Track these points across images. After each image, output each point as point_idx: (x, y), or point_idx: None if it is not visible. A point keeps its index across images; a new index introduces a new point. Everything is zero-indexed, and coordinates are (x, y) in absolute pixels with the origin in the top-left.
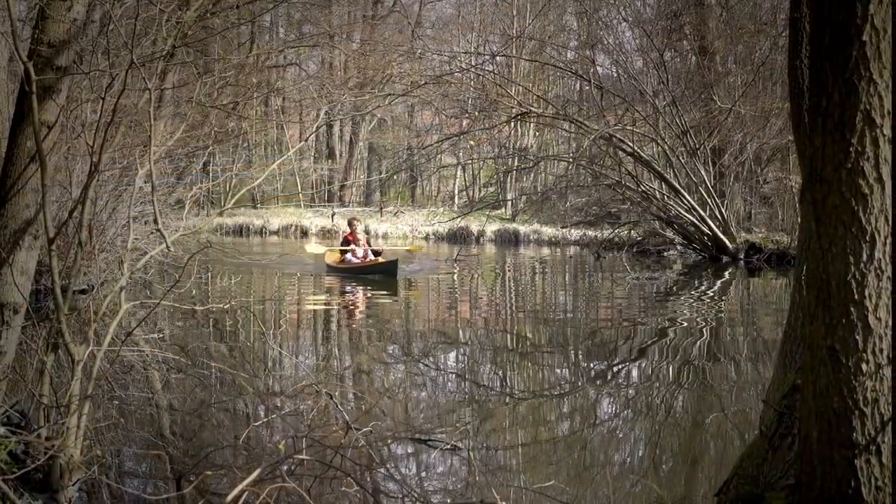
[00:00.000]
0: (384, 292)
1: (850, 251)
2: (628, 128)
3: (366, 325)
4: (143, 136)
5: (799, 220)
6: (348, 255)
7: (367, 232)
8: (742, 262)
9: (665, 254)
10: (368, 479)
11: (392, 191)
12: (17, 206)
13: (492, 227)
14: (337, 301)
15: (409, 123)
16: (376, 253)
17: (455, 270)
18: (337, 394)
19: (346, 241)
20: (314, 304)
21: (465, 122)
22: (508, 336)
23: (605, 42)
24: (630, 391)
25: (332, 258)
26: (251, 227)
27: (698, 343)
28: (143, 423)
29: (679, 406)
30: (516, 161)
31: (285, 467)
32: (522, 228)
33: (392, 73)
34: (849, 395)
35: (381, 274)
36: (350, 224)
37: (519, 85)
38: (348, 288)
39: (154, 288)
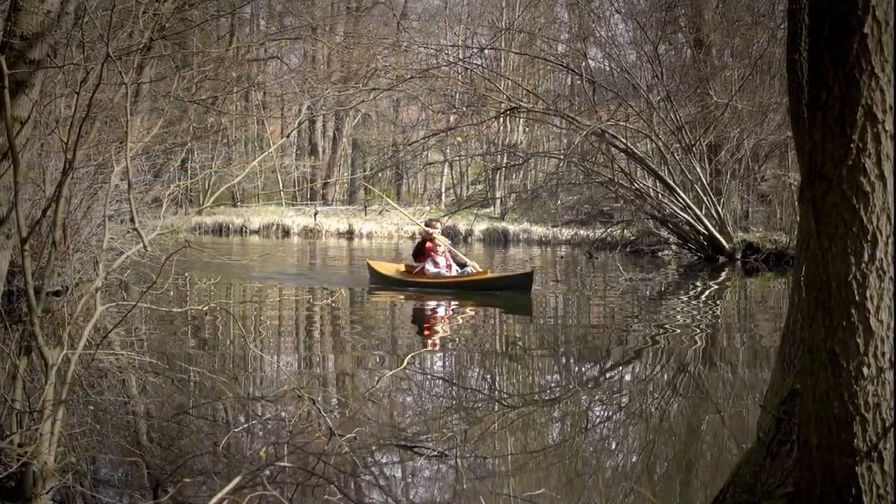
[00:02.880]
0: (517, 314)
1: (850, 251)
2: (621, 123)
3: (350, 329)
4: (119, 132)
5: (798, 218)
6: (429, 266)
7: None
8: (739, 262)
9: (659, 254)
10: (352, 486)
11: (377, 188)
12: None
13: (480, 227)
14: (470, 326)
15: (395, 119)
16: (461, 265)
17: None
18: (320, 399)
19: (421, 249)
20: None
21: (452, 118)
22: (497, 339)
23: (598, 35)
24: (623, 396)
25: (393, 269)
26: (231, 226)
27: (694, 346)
28: (119, 429)
29: (674, 411)
30: (505, 158)
31: (266, 474)
32: (512, 228)
33: (377, 67)
34: (849, 399)
35: (508, 289)
36: (428, 227)
37: (508, 79)
38: (466, 308)
39: (131, 289)
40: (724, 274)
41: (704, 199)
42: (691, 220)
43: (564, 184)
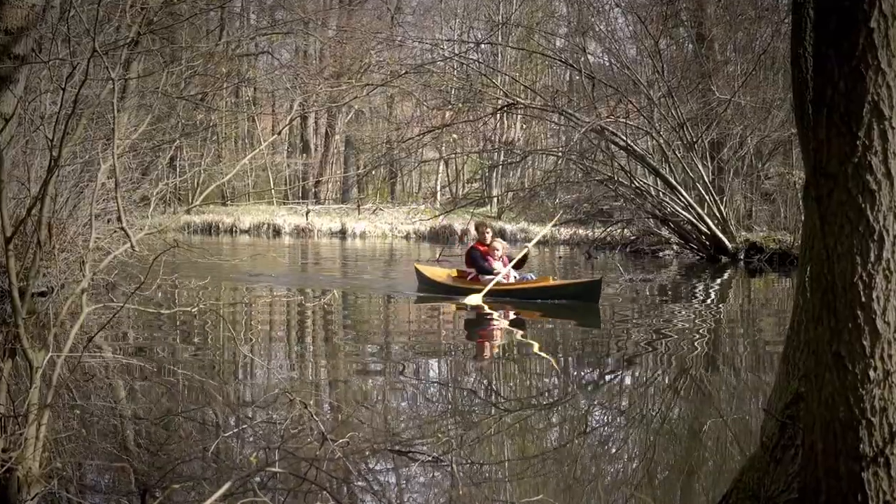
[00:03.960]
0: (583, 326)
1: (856, 251)
2: (621, 120)
3: (343, 331)
4: (106, 129)
5: (802, 218)
6: (500, 277)
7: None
8: (742, 262)
9: (660, 254)
10: (345, 492)
11: (370, 187)
12: None
13: None
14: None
15: (389, 115)
16: (518, 266)
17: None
18: (312, 403)
19: (473, 255)
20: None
21: (447, 114)
22: (494, 342)
23: (597, 29)
24: (623, 400)
25: (444, 275)
26: (221, 225)
27: (696, 349)
28: (106, 433)
29: (675, 415)
30: (502, 155)
31: (257, 480)
32: (509, 227)
33: (370, 62)
34: (855, 403)
35: (573, 298)
36: (479, 230)
37: (505, 74)
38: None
39: (118, 290)
40: (726, 274)
41: (706, 197)
42: (693, 220)
43: (563, 182)
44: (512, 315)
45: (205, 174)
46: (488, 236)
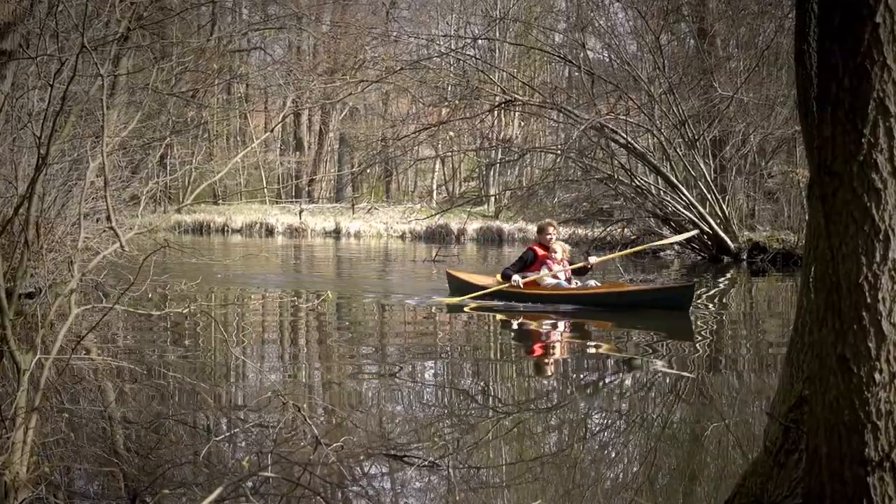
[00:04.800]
0: (673, 337)
1: (861, 251)
2: (621, 117)
3: (336, 333)
4: (95, 127)
5: (806, 217)
6: (545, 276)
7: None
8: (745, 262)
9: (661, 254)
10: (339, 498)
11: (365, 186)
12: None
13: (473, 225)
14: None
15: (384, 112)
16: (580, 272)
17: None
18: (305, 406)
19: (530, 258)
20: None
21: (444, 112)
22: (491, 344)
23: (597, 24)
24: (623, 402)
25: (487, 280)
26: (212, 224)
27: (697, 351)
28: (95, 437)
29: (676, 419)
30: (500, 153)
31: (249, 485)
32: (506, 226)
33: (365, 58)
34: (860, 407)
35: (658, 305)
36: (542, 230)
37: (503, 71)
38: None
39: (107, 291)
40: (729, 275)
41: (708, 196)
42: (695, 219)
43: (562, 180)
44: (585, 325)
45: (196, 172)
46: (551, 237)
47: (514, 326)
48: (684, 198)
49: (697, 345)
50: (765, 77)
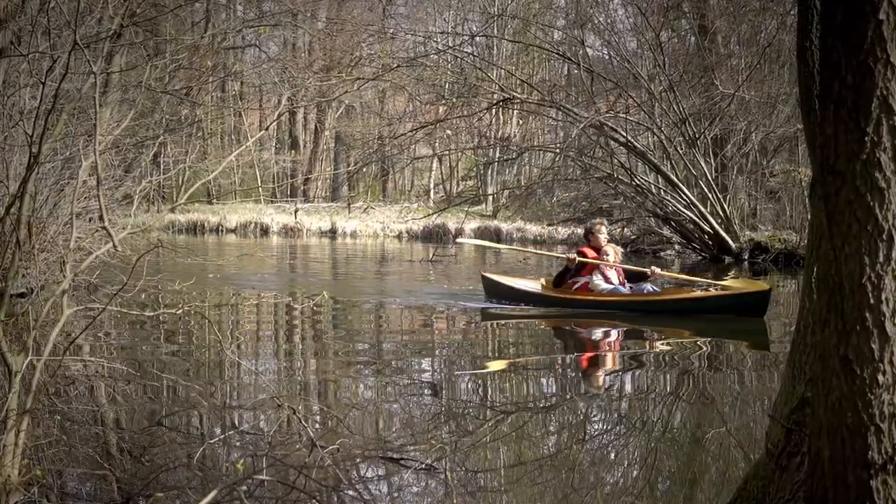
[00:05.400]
0: (674, 338)
1: (865, 251)
2: (621, 115)
3: (332, 334)
4: (88, 125)
5: (808, 216)
6: (596, 280)
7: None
8: (746, 262)
9: (662, 254)
10: (335, 501)
11: (361, 185)
12: None
13: (471, 225)
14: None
15: (380, 111)
16: (636, 278)
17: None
18: (300, 408)
19: (581, 263)
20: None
21: (441, 110)
22: (489, 344)
23: (596, 21)
24: (623, 405)
25: (532, 283)
26: (206, 224)
27: (698, 352)
28: (87, 440)
29: (677, 421)
30: (498, 152)
31: (244, 489)
32: (505, 226)
33: (361, 55)
34: (864, 409)
35: (730, 311)
36: (590, 233)
37: (501, 68)
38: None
39: (100, 292)
40: (730, 275)
41: (709, 195)
42: (695, 218)
43: (561, 179)
44: (652, 333)
45: (190, 171)
46: (602, 238)
47: (550, 329)
48: (685, 197)
49: (698, 346)
50: (766, 74)
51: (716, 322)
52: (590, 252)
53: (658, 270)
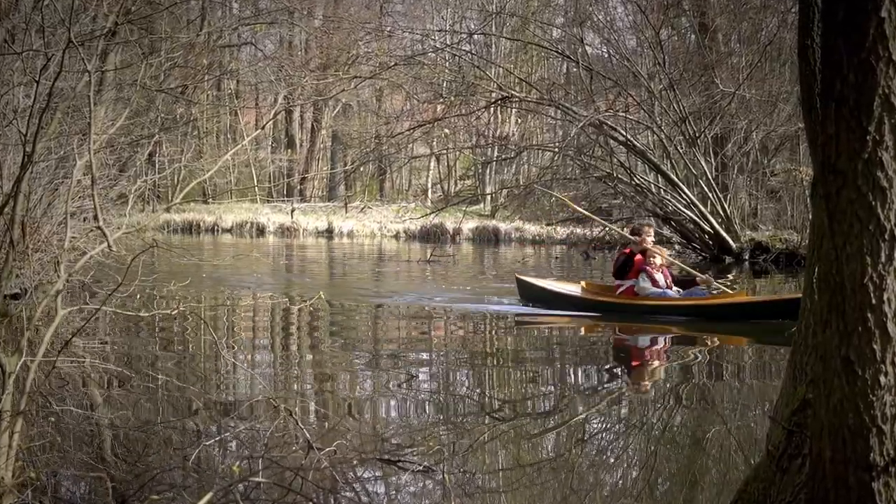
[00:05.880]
0: (673, 341)
1: (866, 251)
2: (621, 114)
3: (329, 335)
4: (82, 124)
5: (810, 216)
6: (643, 283)
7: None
8: (747, 262)
9: None
10: (332, 503)
11: (358, 184)
12: None
13: (469, 225)
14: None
15: (378, 109)
16: (686, 284)
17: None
18: (297, 410)
19: (627, 263)
20: None
21: (439, 108)
22: (488, 346)
23: (595, 19)
24: (622, 407)
25: (570, 286)
26: (202, 224)
27: (698, 353)
28: (82, 441)
29: (677, 423)
30: (496, 151)
31: (240, 490)
32: (503, 226)
33: (358, 53)
34: (865, 410)
35: (781, 317)
36: (637, 233)
37: (499, 66)
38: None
39: (94, 292)
40: (730, 275)
41: (710, 195)
42: (695, 218)
43: (560, 179)
44: (705, 340)
45: (185, 171)
46: (649, 240)
47: (583, 334)
48: (685, 196)
49: (698, 347)
50: (767, 73)
51: (772, 326)
52: (637, 255)
53: (709, 278)
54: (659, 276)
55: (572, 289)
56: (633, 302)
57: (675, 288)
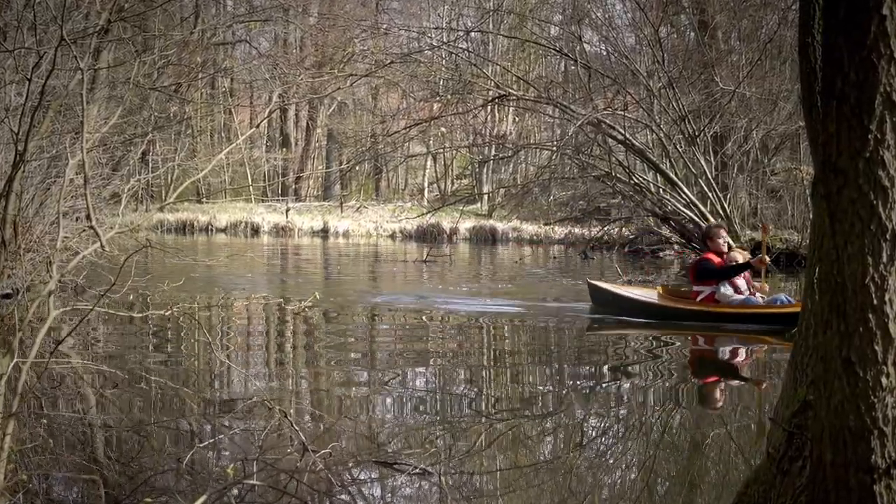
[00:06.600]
0: (674, 340)
1: (867, 251)
2: (619, 113)
3: (324, 336)
4: (75, 122)
5: (810, 216)
6: (725, 290)
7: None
8: None
9: (660, 254)
10: None
11: (354, 183)
12: None
13: (466, 224)
14: None
15: (373, 108)
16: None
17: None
18: (292, 411)
19: (706, 267)
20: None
21: (436, 107)
22: (485, 347)
23: (594, 16)
24: (621, 408)
25: (646, 292)
26: (196, 223)
27: (698, 354)
28: (74, 443)
29: (676, 425)
30: (493, 150)
31: (234, 493)
32: (500, 225)
33: (354, 51)
34: (866, 412)
35: None
36: (710, 235)
37: (496, 64)
38: None
39: (87, 292)
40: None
41: (709, 194)
42: (695, 218)
43: (557, 178)
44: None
45: (179, 170)
46: (722, 242)
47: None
48: (684, 196)
49: (698, 348)
50: (768, 71)
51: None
52: (714, 258)
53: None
54: (741, 282)
55: (648, 294)
56: (717, 310)
57: (758, 295)
